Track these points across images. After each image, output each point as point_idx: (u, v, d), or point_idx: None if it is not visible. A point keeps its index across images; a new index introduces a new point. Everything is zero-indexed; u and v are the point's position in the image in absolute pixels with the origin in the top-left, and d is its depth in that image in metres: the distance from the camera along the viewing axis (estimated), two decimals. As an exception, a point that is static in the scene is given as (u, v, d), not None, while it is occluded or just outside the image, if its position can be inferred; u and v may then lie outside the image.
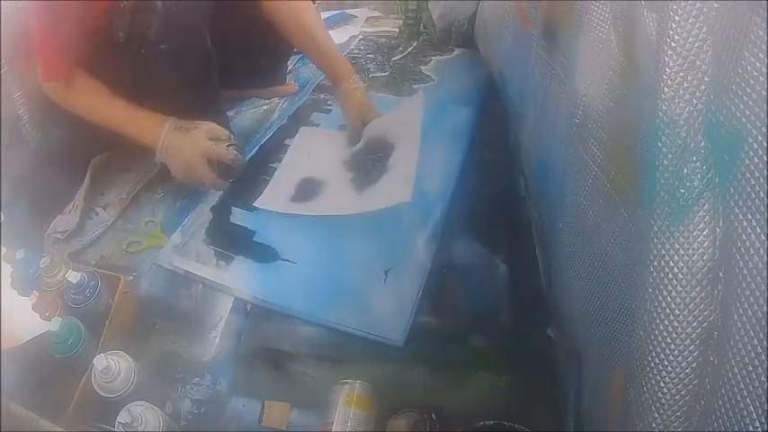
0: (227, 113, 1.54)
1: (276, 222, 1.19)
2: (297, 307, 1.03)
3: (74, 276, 0.88)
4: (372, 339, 0.98)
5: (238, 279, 1.09)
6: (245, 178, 1.24)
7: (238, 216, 1.22)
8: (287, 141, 1.42)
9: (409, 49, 1.84)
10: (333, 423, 0.81)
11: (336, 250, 1.13)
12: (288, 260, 1.12)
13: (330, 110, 1.55)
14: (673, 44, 0.47)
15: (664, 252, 0.50)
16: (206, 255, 1.14)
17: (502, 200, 1.24)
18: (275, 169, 1.31)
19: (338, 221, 1.18)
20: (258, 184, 1.28)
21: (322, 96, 1.60)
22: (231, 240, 1.16)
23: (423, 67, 1.74)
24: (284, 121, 1.52)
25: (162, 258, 1.12)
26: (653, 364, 0.52)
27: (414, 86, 1.64)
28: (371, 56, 1.83)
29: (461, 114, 1.48)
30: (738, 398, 0.41)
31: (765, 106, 0.39)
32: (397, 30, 1.96)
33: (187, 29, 1.05)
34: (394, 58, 1.80)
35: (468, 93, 1.59)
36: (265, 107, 1.59)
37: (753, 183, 0.40)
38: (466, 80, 1.65)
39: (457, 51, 1.81)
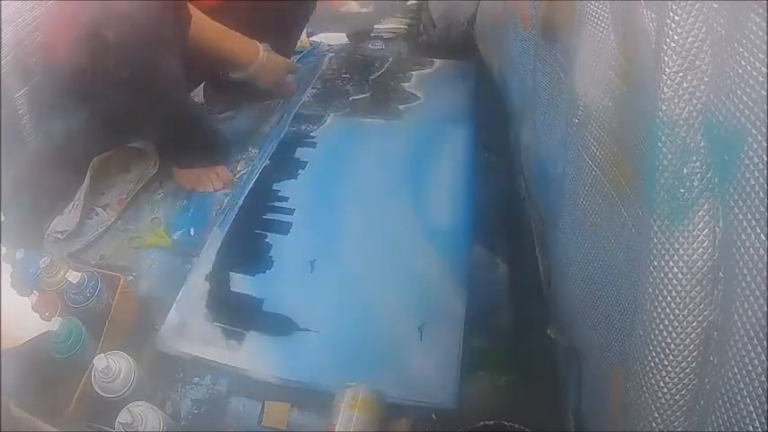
0: (228, 113, 1.55)
1: (284, 287, 1.08)
2: (328, 382, 0.89)
3: (74, 276, 0.88)
4: (422, 407, 0.90)
5: (255, 359, 0.96)
6: (237, 239, 1.16)
7: (239, 283, 1.09)
8: (275, 186, 1.30)
9: (386, 65, 1.73)
10: (336, 425, 0.81)
11: (359, 312, 1.02)
12: (308, 329, 1.00)
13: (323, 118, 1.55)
14: (672, 44, 0.47)
15: (664, 252, 0.50)
16: (212, 334, 1.00)
17: (502, 200, 1.24)
18: (265, 236, 1.18)
19: (354, 279, 1.09)
20: (252, 248, 1.16)
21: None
22: (238, 313, 1.03)
23: (405, 84, 1.64)
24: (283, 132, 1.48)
25: (163, 343, 0.98)
26: (653, 364, 0.52)
27: (400, 107, 1.55)
28: (347, 75, 1.71)
29: (459, 136, 1.43)
30: (738, 398, 0.41)
31: (765, 106, 0.39)
32: (406, 27, 1.95)
33: (145, 58, 1.03)
34: (372, 77, 1.69)
35: (460, 110, 1.52)
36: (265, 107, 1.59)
37: (753, 183, 0.40)
38: (454, 96, 1.58)
39: (437, 63, 1.74)
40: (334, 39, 1.90)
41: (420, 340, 0.98)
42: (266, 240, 1.16)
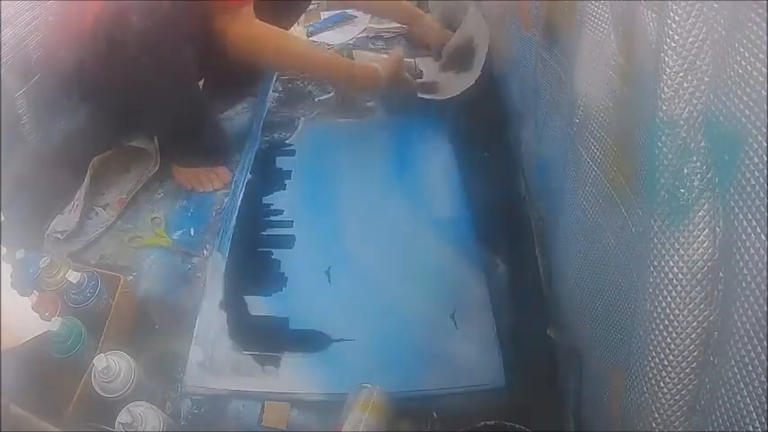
0: (228, 113, 1.54)
1: (304, 301, 1.05)
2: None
3: (74, 276, 0.88)
4: (475, 391, 0.91)
5: (299, 380, 0.93)
6: (242, 261, 1.13)
7: (256, 306, 1.04)
8: (265, 201, 1.26)
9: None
10: (343, 425, 0.81)
11: (388, 312, 1.02)
12: (342, 339, 0.98)
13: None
14: (673, 44, 0.47)
15: (664, 252, 0.50)
16: (245, 364, 0.95)
17: (502, 200, 1.24)
18: (271, 253, 1.15)
19: (373, 281, 1.08)
20: (260, 267, 1.12)
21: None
22: (266, 338, 0.99)
23: None
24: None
25: (191, 382, 0.93)
26: (653, 364, 0.52)
27: (368, 104, 1.53)
28: (306, 74, 1.63)
29: (436, 126, 1.43)
30: (738, 398, 0.41)
31: (765, 106, 0.39)
32: (406, 27, 1.94)
33: (166, 45, 1.04)
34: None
35: (429, 100, 1.48)
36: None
37: (753, 183, 0.40)
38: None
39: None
40: (334, 38, 1.89)
41: (456, 328, 0.99)
42: (273, 257, 1.13)
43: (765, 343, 0.39)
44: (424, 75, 1.53)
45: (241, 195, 1.27)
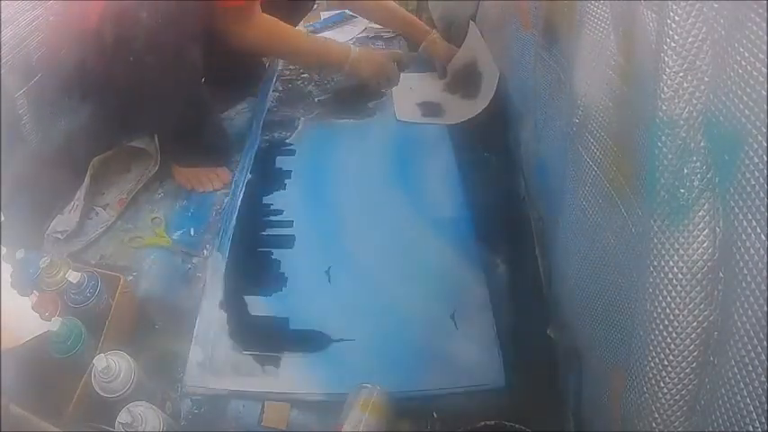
0: (228, 113, 1.54)
1: (304, 301, 1.05)
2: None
3: (74, 276, 0.88)
4: (474, 391, 0.91)
5: (299, 380, 0.93)
6: (242, 261, 1.13)
7: (256, 306, 1.04)
8: (265, 200, 1.25)
9: None
10: (343, 425, 0.81)
11: (389, 312, 1.02)
12: (342, 339, 0.98)
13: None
14: (673, 44, 0.47)
15: (664, 252, 0.50)
16: (245, 364, 0.95)
17: (502, 200, 1.24)
18: (271, 253, 1.14)
19: (373, 281, 1.07)
20: (260, 267, 1.12)
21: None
22: (266, 338, 0.99)
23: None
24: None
25: (191, 382, 0.93)
26: (653, 364, 0.52)
27: (369, 105, 1.54)
28: (305, 75, 1.67)
29: (435, 129, 1.45)
30: (738, 398, 0.41)
31: (765, 106, 0.39)
32: None
33: (175, 44, 1.05)
34: (331, 75, 1.65)
35: None
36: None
37: (753, 183, 0.40)
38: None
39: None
40: (334, 38, 1.89)
41: (456, 328, 0.99)
42: (273, 257, 1.13)
43: (765, 343, 0.39)
44: (428, 95, 1.55)
45: (241, 195, 1.26)
